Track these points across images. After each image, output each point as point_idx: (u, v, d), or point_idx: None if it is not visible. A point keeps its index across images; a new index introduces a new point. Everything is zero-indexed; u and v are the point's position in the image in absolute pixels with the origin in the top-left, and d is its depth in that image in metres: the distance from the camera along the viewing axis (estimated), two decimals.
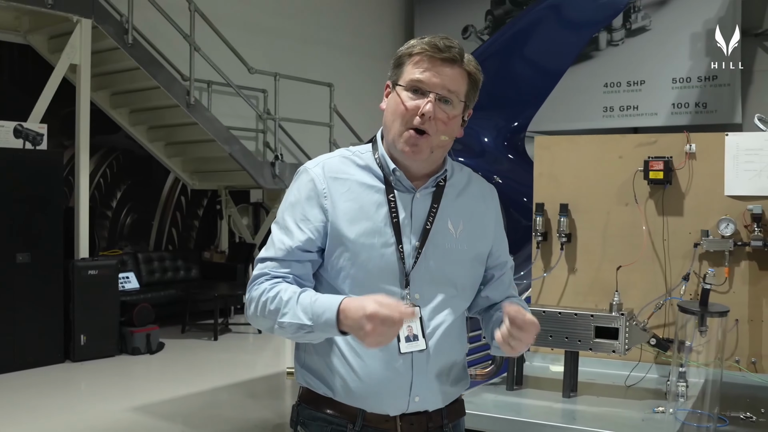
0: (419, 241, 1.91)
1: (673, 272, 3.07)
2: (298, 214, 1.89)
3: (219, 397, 6.81)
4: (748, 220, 2.94)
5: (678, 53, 11.05)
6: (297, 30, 11.65)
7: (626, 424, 2.43)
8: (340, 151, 2.03)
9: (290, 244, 1.87)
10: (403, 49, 1.94)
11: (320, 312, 1.76)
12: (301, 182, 1.94)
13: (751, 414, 2.48)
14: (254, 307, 1.87)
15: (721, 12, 10.63)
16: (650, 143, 3.12)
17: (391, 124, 1.92)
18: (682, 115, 11.06)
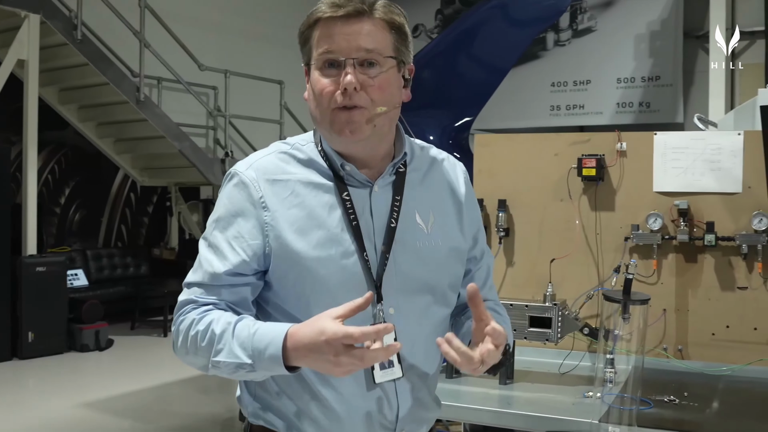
0: (385, 244, 1.60)
1: (605, 264, 3.20)
2: (230, 231, 1.57)
3: (169, 393, 6.85)
4: (675, 215, 3.08)
5: (622, 54, 11.30)
6: (247, 27, 11.67)
7: (558, 407, 2.55)
8: (275, 146, 1.69)
9: (219, 268, 1.55)
10: (301, 26, 1.65)
11: (262, 347, 1.44)
12: (230, 190, 1.61)
13: (675, 397, 2.63)
14: (182, 342, 1.54)
15: (664, 14, 10.90)
16: (584, 141, 3.25)
17: (316, 113, 1.61)
18: (627, 114, 11.32)
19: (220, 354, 1.48)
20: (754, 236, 2.95)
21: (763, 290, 3.00)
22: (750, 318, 3.02)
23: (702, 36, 10.77)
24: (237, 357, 1.46)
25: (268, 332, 1.46)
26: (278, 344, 1.43)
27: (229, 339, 1.47)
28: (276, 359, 1.43)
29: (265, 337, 1.45)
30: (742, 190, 3.03)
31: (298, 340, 1.42)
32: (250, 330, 1.47)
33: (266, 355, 1.43)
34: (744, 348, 3.01)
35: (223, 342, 1.48)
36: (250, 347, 1.45)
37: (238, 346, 1.46)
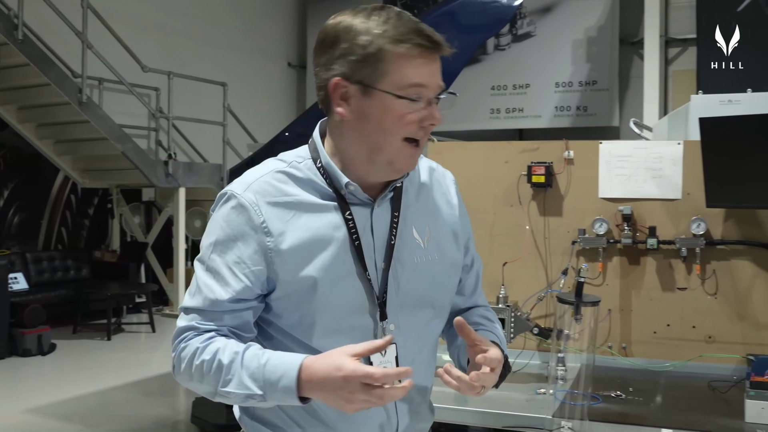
0: (385, 261, 1.60)
1: (553, 267, 3.35)
2: (229, 256, 1.54)
3: (114, 397, 6.82)
4: (619, 220, 3.24)
5: (561, 59, 11.56)
6: (190, 28, 11.63)
7: (512, 404, 2.68)
8: (271, 164, 1.62)
9: (222, 295, 1.53)
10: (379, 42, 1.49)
11: (274, 379, 1.44)
12: (228, 212, 1.56)
13: (621, 392, 2.79)
14: (185, 370, 1.53)
15: (601, 21, 11.19)
16: (533, 150, 3.39)
17: (383, 140, 1.53)
18: (564, 117, 11.58)
19: (230, 384, 1.47)
20: (693, 240, 3.13)
21: (701, 291, 3.18)
22: (689, 317, 3.20)
23: (637, 42, 11.09)
24: (247, 388, 1.45)
25: (280, 364, 1.45)
26: (292, 377, 1.43)
27: (238, 369, 1.47)
28: (290, 391, 1.43)
29: (278, 368, 1.45)
30: (681, 197, 3.21)
31: (312, 373, 1.42)
32: (260, 361, 1.46)
33: (279, 387, 1.44)
34: (683, 345, 3.19)
35: (231, 373, 1.47)
36: (261, 379, 1.45)
37: (248, 377, 1.46)
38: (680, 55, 10.93)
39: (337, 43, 1.52)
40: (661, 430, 2.43)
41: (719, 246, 3.16)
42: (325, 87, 1.55)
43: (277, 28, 13.64)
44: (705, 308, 3.18)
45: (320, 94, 1.58)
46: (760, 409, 2.45)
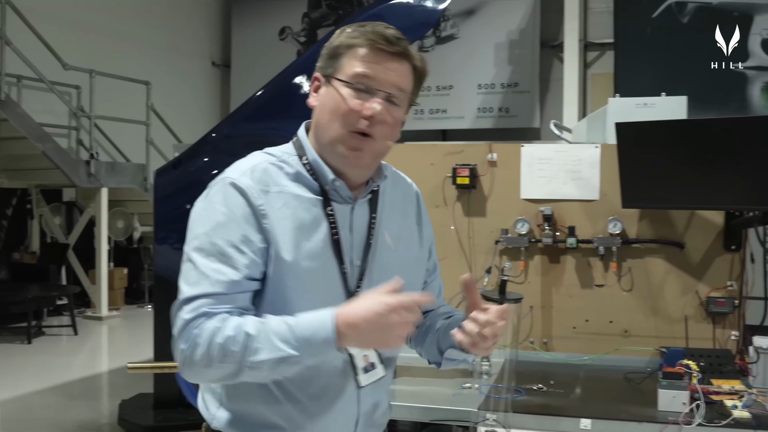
0: (361, 259, 1.71)
1: (477, 266, 3.46)
2: (235, 235, 1.59)
3: (37, 401, 6.68)
4: (540, 220, 3.37)
5: (483, 61, 11.76)
6: (112, 26, 11.45)
7: (438, 399, 2.77)
8: (262, 157, 1.72)
9: (234, 275, 1.57)
10: (342, 39, 1.68)
11: (308, 335, 1.50)
12: (229, 197, 1.62)
13: (543, 385, 2.91)
14: (203, 355, 1.52)
15: (522, 24, 11.43)
16: (458, 152, 3.50)
17: (329, 125, 1.66)
18: (487, 119, 11.79)
19: (261, 353, 1.49)
20: (610, 239, 3.28)
21: (617, 287, 3.33)
22: (606, 312, 3.35)
23: (557, 46, 11.36)
24: (281, 350, 1.49)
25: (311, 320, 1.51)
26: (329, 328, 1.48)
27: (267, 336, 1.50)
28: (330, 341, 1.48)
29: (311, 324, 1.50)
30: (599, 198, 3.35)
31: (349, 314, 1.49)
32: (289, 323, 1.51)
33: (318, 340, 1.48)
34: (601, 339, 3.33)
35: (260, 341, 1.50)
36: (294, 338, 1.49)
37: (280, 341, 1.49)
38: (598, 59, 11.25)
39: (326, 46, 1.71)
40: (580, 419, 2.55)
41: (634, 245, 3.31)
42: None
43: (201, 26, 13.54)
44: (621, 304, 3.33)
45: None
46: (671, 397, 2.59)
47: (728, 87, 10.04)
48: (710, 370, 2.98)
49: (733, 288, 3.22)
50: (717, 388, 2.77)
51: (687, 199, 3.13)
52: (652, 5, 10.53)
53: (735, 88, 10.07)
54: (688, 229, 3.29)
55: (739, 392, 2.74)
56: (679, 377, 2.62)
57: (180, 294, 1.59)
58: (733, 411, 2.55)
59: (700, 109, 3.60)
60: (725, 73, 9.99)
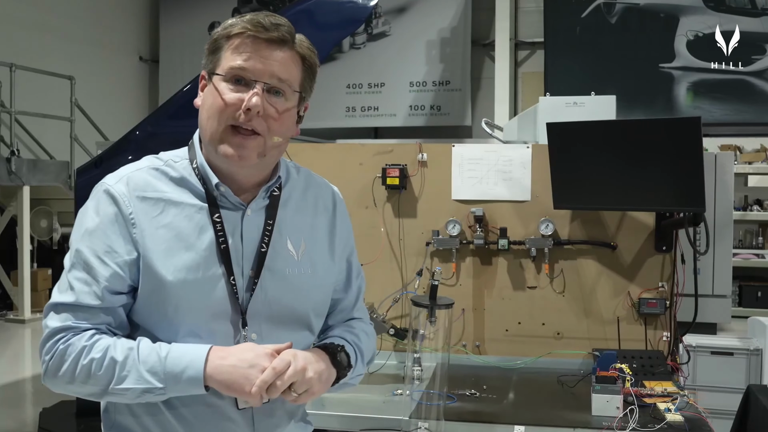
0: (253, 269, 1.59)
1: (408, 268, 3.39)
2: (100, 245, 1.51)
3: None
4: (471, 221, 3.32)
5: (415, 58, 11.72)
6: (35, 18, 11.08)
7: (369, 406, 2.69)
8: (148, 160, 1.63)
9: (94, 287, 1.50)
10: (219, 31, 1.58)
11: (178, 370, 1.46)
12: (100, 204, 1.55)
13: (476, 391, 2.85)
14: (68, 371, 1.47)
15: (454, 22, 11.43)
16: (387, 152, 3.42)
17: (207, 122, 1.57)
18: (419, 116, 11.75)
19: (126, 381, 1.46)
20: (541, 240, 3.24)
21: (549, 289, 3.30)
22: (539, 314, 3.31)
23: (488, 44, 11.39)
24: (147, 382, 1.46)
25: (181, 354, 1.47)
26: (199, 367, 1.46)
27: (135, 364, 1.46)
28: (196, 381, 1.46)
29: (181, 359, 1.47)
30: (530, 198, 3.31)
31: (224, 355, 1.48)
32: (160, 354, 1.47)
33: (184, 377, 1.46)
34: (534, 342, 3.30)
35: (127, 369, 1.46)
36: (162, 372, 1.46)
37: (146, 372, 1.46)
38: (529, 58, 11.31)
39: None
40: (513, 427, 2.50)
41: (566, 246, 3.29)
42: None
43: (128, 20, 13.19)
44: (554, 306, 3.30)
45: None
46: (605, 402, 2.56)
47: (655, 87, 10.18)
48: (642, 371, 2.97)
49: (664, 289, 3.22)
50: (650, 391, 2.76)
51: (618, 200, 3.12)
52: (581, 5, 10.62)
53: (661, 88, 10.22)
54: (620, 230, 3.27)
55: (671, 394, 2.73)
56: (612, 381, 2.60)
57: (51, 298, 1.54)
58: (666, 414, 2.53)
59: (627, 108, 3.60)
60: (652, 73, 10.14)
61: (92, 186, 1.82)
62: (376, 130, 12.00)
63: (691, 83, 10.23)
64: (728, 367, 4.38)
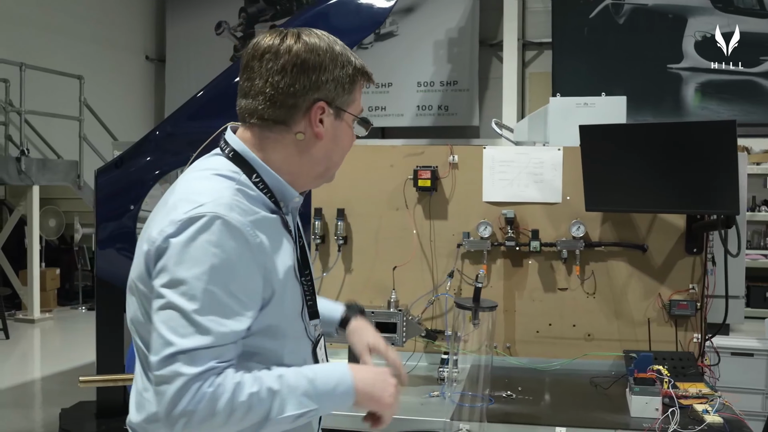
0: (304, 265, 1.70)
1: (439, 270, 3.40)
2: (234, 284, 1.48)
3: None
4: (502, 223, 3.33)
5: (423, 58, 11.73)
6: (43, 18, 11.07)
7: (407, 408, 2.70)
8: (223, 181, 1.59)
9: (235, 326, 1.48)
10: (356, 66, 1.67)
11: (329, 388, 1.56)
12: (220, 238, 1.48)
13: (511, 392, 2.86)
14: (222, 413, 1.44)
15: (461, 23, 11.44)
16: (418, 154, 3.43)
17: (341, 158, 1.72)
18: (426, 116, 11.76)
19: (287, 408, 1.50)
20: (573, 242, 3.25)
21: (580, 290, 3.31)
22: (569, 316, 3.32)
23: (496, 44, 11.40)
24: (304, 406, 1.52)
25: (329, 375, 1.58)
26: (349, 383, 1.57)
27: (291, 391, 1.51)
28: (348, 394, 1.57)
29: (330, 379, 1.56)
30: (561, 201, 3.32)
31: (363, 376, 1.60)
32: (307, 376, 1.54)
33: (337, 394, 1.56)
34: (564, 343, 3.31)
35: (285, 396, 1.50)
36: (315, 393, 1.53)
37: (302, 395, 1.52)
38: (536, 58, 11.32)
39: (322, 69, 1.62)
40: (554, 428, 2.51)
41: (597, 248, 3.29)
42: (303, 107, 1.62)
43: (135, 19, 13.20)
44: (584, 307, 3.31)
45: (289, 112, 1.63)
46: (644, 403, 2.58)
47: (663, 88, 10.20)
48: (674, 373, 2.97)
49: (694, 291, 3.23)
50: (684, 393, 2.77)
51: (650, 202, 3.13)
52: (589, 6, 10.63)
53: (669, 89, 10.23)
54: (651, 232, 3.28)
55: (706, 396, 2.74)
56: (651, 383, 2.61)
57: (168, 345, 1.44)
58: (705, 416, 2.54)
59: (635, 109, 3.62)
60: (660, 74, 10.15)
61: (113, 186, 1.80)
62: (383, 130, 12.00)
63: (699, 84, 10.25)
64: (748, 368, 4.41)
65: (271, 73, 1.60)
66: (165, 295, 1.47)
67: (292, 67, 1.60)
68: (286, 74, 1.60)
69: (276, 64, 1.60)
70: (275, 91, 1.60)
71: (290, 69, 1.60)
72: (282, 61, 1.60)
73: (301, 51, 1.60)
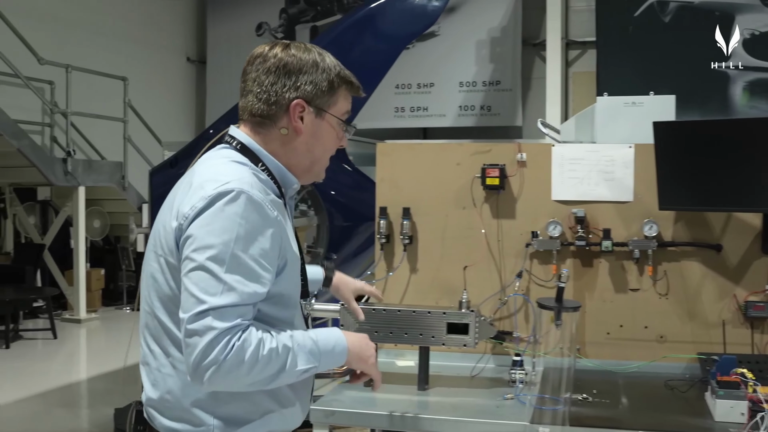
0: (298, 250, 1.94)
1: (506, 270, 3.34)
2: (253, 250, 1.72)
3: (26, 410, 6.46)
4: (572, 223, 3.26)
5: (464, 58, 11.68)
6: (87, 20, 11.17)
7: (483, 411, 2.65)
8: (239, 167, 1.85)
9: (257, 288, 1.71)
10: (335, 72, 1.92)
11: (329, 348, 1.84)
12: (245, 210, 1.73)
13: (587, 395, 2.79)
14: (247, 363, 1.66)
15: (504, 22, 11.37)
16: (485, 152, 3.37)
17: (323, 154, 1.98)
18: (468, 117, 11.71)
19: (299, 363, 1.76)
20: (645, 242, 3.18)
21: (652, 291, 3.23)
22: (641, 317, 3.24)
23: (539, 44, 11.32)
24: (311, 362, 1.79)
25: (328, 337, 1.86)
26: (344, 343, 1.88)
27: (301, 348, 1.77)
28: (343, 352, 1.87)
29: (329, 340, 1.85)
30: (633, 199, 3.25)
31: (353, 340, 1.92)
32: (312, 338, 1.81)
33: (336, 352, 1.86)
34: (636, 345, 3.23)
35: (296, 352, 1.76)
36: (318, 352, 1.80)
37: (308, 353, 1.78)
38: (580, 57, 11.22)
39: (302, 72, 1.89)
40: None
41: (670, 248, 3.21)
42: (284, 105, 1.89)
43: (176, 21, 13.29)
44: (656, 308, 3.23)
45: (271, 108, 1.89)
46: (729, 408, 2.50)
47: (710, 86, 10.04)
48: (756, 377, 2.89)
49: None
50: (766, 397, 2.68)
51: (726, 200, 3.05)
52: (634, 4, 10.50)
53: (716, 88, 10.08)
54: (726, 231, 3.20)
55: None
56: (736, 386, 2.53)
57: (200, 303, 1.66)
58: None
59: (681, 108, 3.53)
60: (707, 73, 10.00)
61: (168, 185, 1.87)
62: (425, 131, 11.97)
63: (747, 82, 10.09)
64: None
65: (258, 74, 1.89)
66: (196, 259, 1.69)
67: (276, 69, 1.88)
68: (270, 74, 1.88)
69: (263, 67, 1.88)
70: (261, 89, 1.88)
71: (274, 70, 1.88)
72: (268, 64, 1.88)
73: (284, 57, 1.89)
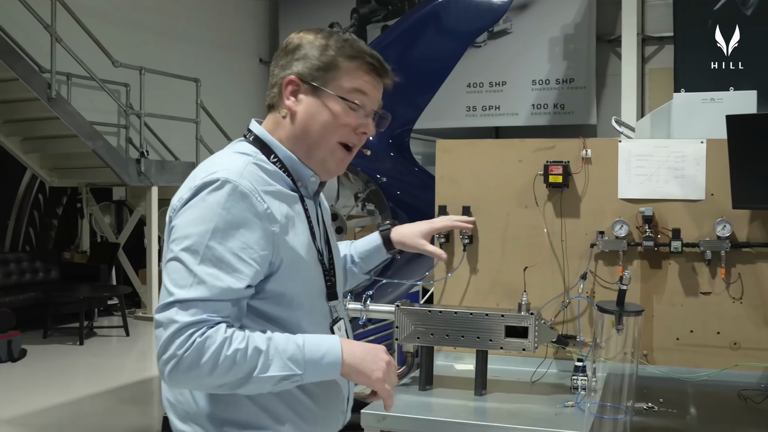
0: (326, 249, 1.83)
1: (570, 271, 3.21)
2: (233, 242, 1.58)
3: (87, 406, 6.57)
4: (640, 222, 3.10)
5: (537, 56, 11.47)
6: (161, 23, 11.34)
7: (541, 419, 2.53)
8: (239, 157, 1.74)
9: (233, 283, 1.57)
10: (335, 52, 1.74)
11: (317, 357, 1.60)
12: (227, 200, 1.60)
13: (652, 404, 2.65)
14: (207, 363, 1.52)
15: (578, 18, 11.12)
16: (548, 148, 3.24)
17: (321, 137, 1.75)
18: (542, 115, 11.49)
19: (271, 369, 1.56)
20: (718, 242, 3.00)
21: (725, 295, 3.06)
22: (713, 322, 3.07)
23: (614, 40, 11.04)
24: (290, 369, 1.57)
25: (319, 343, 1.63)
26: (337, 353, 1.63)
27: (277, 353, 1.57)
28: (336, 365, 1.63)
29: (320, 348, 1.62)
30: (705, 197, 3.08)
31: (352, 350, 1.66)
32: (297, 343, 1.60)
33: (324, 363, 1.61)
34: (708, 352, 3.06)
35: (270, 357, 1.56)
36: (302, 359, 1.59)
37: (287, 359, 1.57)
38: (656, 54, 10.90)
39: (298, 50, 1.76)
40: None
41: (745, 249, 3.03)
42: (279, 84, 1.76)
43: (249, 23, 13.40)
44: (730, 313, 3.05)
45: (273, 91, 1.79)
46: None
47: None
48: None
49: None
50: None
51: None
52: None
53: None
54: None
55: None
56: None
57: (169, 294, 1.57)
58: None
59: (762, 104, 3.34)
60: None
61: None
62: (497, 130, 11.80)
63: None
64: None
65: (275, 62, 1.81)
66: (173, 249, 1.60)
67: (279, 52, 1.79)
68: (277, 58, 1.79)
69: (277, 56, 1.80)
70: (270, 76, 1.81)
71: (277, 54, 1.80)
72: (280, 49, 1.80)
73: (289, 38, 1.79)
